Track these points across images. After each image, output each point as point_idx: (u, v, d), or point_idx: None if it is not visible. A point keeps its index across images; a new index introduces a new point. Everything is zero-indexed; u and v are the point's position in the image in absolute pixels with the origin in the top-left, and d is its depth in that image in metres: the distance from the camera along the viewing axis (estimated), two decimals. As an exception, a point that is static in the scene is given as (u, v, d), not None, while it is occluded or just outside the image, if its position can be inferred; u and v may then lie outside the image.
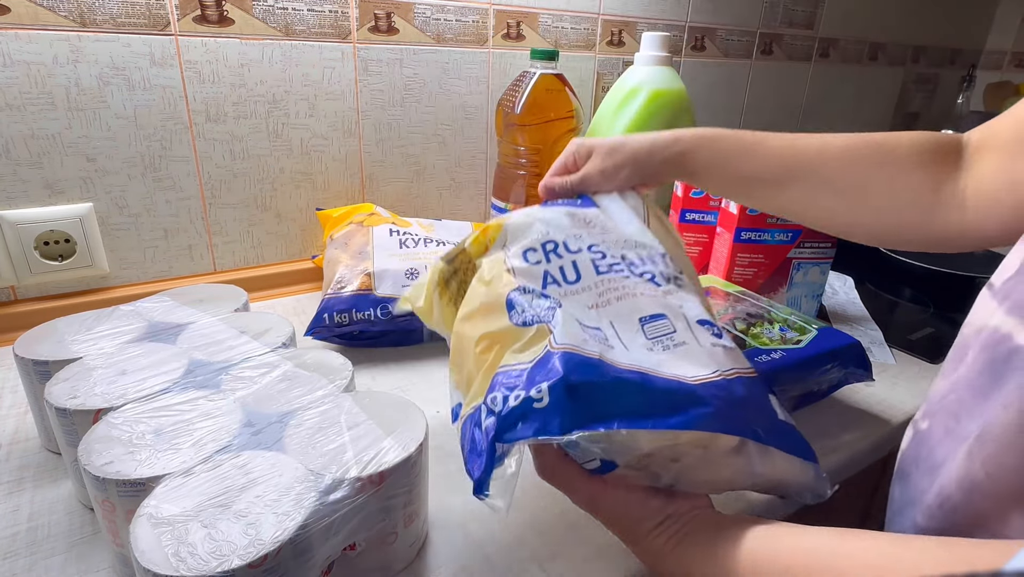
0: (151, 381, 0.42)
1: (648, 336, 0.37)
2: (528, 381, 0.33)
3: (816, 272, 0.75)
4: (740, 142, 0.47)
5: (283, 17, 0.72)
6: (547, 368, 0.33)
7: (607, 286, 0.39)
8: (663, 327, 0.38)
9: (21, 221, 0.64)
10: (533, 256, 0.40)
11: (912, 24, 1.54)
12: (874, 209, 0.45)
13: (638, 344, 0.36)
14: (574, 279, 0.39)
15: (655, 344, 0.36)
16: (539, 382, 0.32)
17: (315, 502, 0.32)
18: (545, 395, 0.32)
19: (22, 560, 0.38)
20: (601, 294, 0.39)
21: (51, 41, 0.61)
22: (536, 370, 0.33)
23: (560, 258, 0.40)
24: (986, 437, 0.30)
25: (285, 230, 0.81)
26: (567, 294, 0.38)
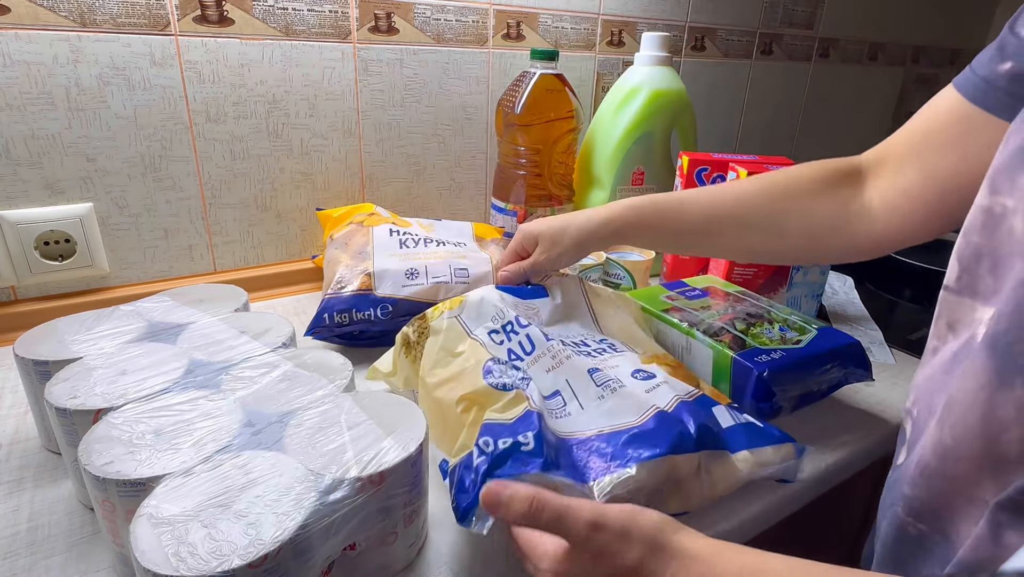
0: (151, 381, 0.42)
1: (597, 384, 0.45)
2: (513, 432, 0.39)
3: (816, 272, 0.75)
4: (665, 208, 0.55)
5: (283, 17, 0.72)
6: (530, 422, 0.39)
7: (557, 349, 0.48)
8: (606, 376, 0.46)
9: (21, 221, 0.64)
10: (496, 337, 0.49)
11: (912, 24, 1.54)
12: (794, 236, 0.52)
13: (591, 395, 0.45)
14: (530, 349, 0.48)
15: (604, 389, 0.45)
16: (524, 431, 0.39)
17: (315, 502, 0.32)
18: (531, 441, 0.38)
19: (22, 560, 0.38)
20: (554, 356, 0.47)
21: (51, 41, 0.61)
22: (519, 424, 0.39)
23: (516, 335, 0.49)
24: (951, 403, 0.32)
25: (285, 230, 0.81)
26: (529, 364, 0.47)
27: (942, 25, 1.62)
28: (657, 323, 0.61)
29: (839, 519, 0.69)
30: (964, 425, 0.31)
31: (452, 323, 0.49)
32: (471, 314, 0.50)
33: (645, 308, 0.62)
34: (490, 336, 0.48)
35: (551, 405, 0.44)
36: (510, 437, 0.38)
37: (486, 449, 0.38)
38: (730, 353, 0.53)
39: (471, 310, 0.50)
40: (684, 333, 0.58)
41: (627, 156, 0.85)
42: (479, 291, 0.53)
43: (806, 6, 1.28)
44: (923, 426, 0.36)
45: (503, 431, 0.39)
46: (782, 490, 0.48)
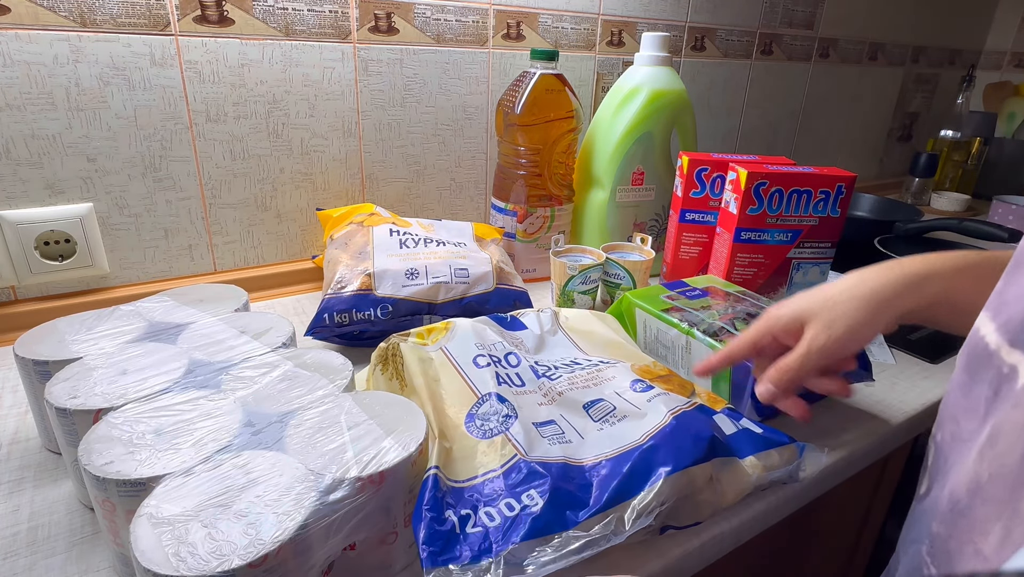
0: (151, 381, 0.42)
1: (594, 419, 0.45)
2: (508, 490, 0.38)
3: (816, 272, 0.75)
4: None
5: (283, 17, 0.72)
6: (528, 475, 0.38)
7: (548, 386, 0.48)
8: (604, 408, 0.46)
9: (21, 221, 0.64)
10: (483, 360, 0.48)
11: (912, 24, 1.54)
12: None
13: (590, 428, 0.44)
14: (520, 384, 0.47)
15: (604, 424, 0.44)
16: (526, 489, 0.38)
17: (315, 502, 0.32)
18: (538, 501, 0.37)
19: (22, 560, 0.38)
20: (546, 393, 0.47)
21: (51, 41, 0.61)
22: (510, 478, 0.39)
23: (505, 369, 0.49)
24: (996, 433, 0.29)
25: (285, 230, 0.81)
26: (518, 394, 0.46)
27: (942, 25, 1.62)
28: (657, 323, 0.61)
29: (839, 519, 0.69)
30: (1002, 461, 0.28)
31: (439, 356, 0.49)
32: (459, 345, 0.50)
33: (645, 308, 0.62)
34: (475, 362, 0.48)
35: (546, 432, 0.43)
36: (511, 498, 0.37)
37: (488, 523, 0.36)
38: (730, 353, 0.53)
39: (460, 341, 0.50)
40: (684, 333, 0.58)
41: (627, 156, 0.85)
42: (466, 321, 0.53)
43: (806, 6, 1.28)
44: (951, 454, 0.33)
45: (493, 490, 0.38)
46: (782, 490, 0.48)
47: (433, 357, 0.49)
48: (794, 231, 0.72)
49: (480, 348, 0.50)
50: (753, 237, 0.72)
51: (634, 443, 0.42)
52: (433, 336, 0.51)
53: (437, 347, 0.50)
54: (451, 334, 0.51)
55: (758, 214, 0.71)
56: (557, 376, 0.49)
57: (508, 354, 0.50)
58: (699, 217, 0.81)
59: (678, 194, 0.81)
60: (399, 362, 0.49)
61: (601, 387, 0.48)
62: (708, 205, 0.80)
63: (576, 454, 0.41)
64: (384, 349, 0.50)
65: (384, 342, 0.51)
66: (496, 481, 0.39)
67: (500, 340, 0.52)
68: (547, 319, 0.58)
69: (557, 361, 0.52)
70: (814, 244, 0.73)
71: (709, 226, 0.81)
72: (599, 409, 0.46)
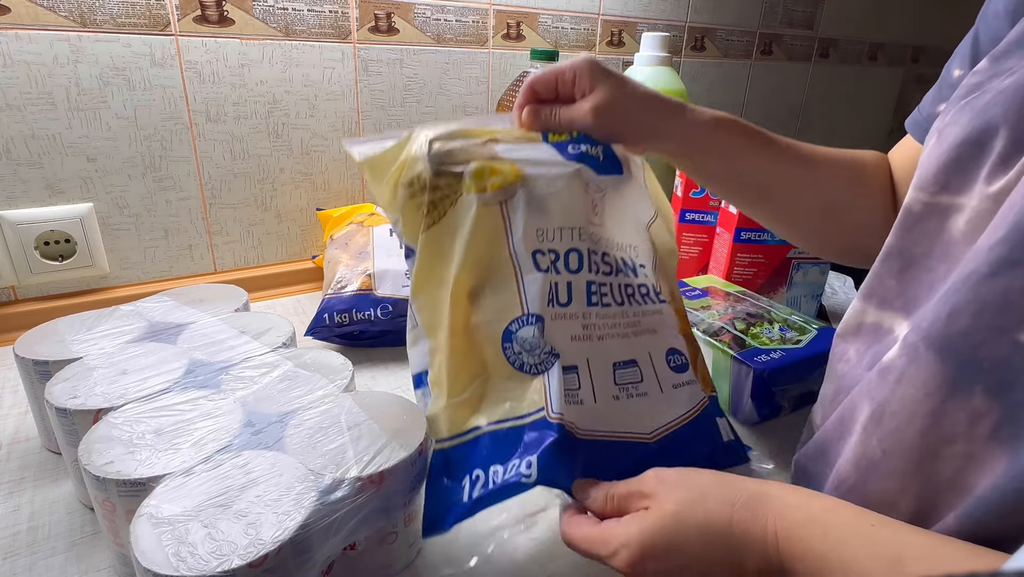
0: (151, 381, 0.42)
1: (617, 382, 0.38)
2: (524, 449, 0.34)
3: (816, 272, 0.75)
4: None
5: (283, 17, 0.72)
6: (541, 435, 0.34)
7: (591, 320, 0.38)
8: (631, 375, 0.39)
9: (21, 221, 0.64)
10: (543, 259, 0.37)
11: (912, 24, 1.54)
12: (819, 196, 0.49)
13: (606, 392, 0.37)
14: (566, 301, 0.37)
15: (622, 392, 0.38)
16: (531, 452, 0.33)
17: (315, 502, 0.32)
18: (534, 471, 0.33)
19: (22, 560, 0.38)
20: (585, 327, 0.38)
21: (51, 41, 0.61)
22: (531, 433, 0.34)
23: (558, 273, 0.37)
24: (883, 413, 0.30)
25: (285, 230, 0.81)
26: (557, 318, 0.37)
27: (942, 25, 1.62)
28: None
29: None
30: (899, 437, 0.29)
31: (492, 214, 0.36)
32: (527, 202, 0.36)
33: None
34: (534, 259, 0.36)
35: (566, 383, 0.36)
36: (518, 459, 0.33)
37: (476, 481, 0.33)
38: (730, 353, 0.53)
39: (528, 198, 0.37)
40: (684, 333, 0.58)
41: (627, 156, 0.85)
42: (549, 160, 0.39)
43: (806, 6, 1.28)
44: (836, 438, 0.35)
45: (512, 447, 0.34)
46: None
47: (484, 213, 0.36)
48: (794, 231, 0.72)
49: (544, 233, 0.37)
50: (753, 237, 0.72)
51: (640, 435, 0.37)
52: (495, 179, 0.37)
53: (496, 198, 0.37)
54: (520, 191, 0.37)
55: (758, 214, 0.71)
56: (607, 303, 0.39)
57: (570, 252, 0.38)
58: (699, 217, 0.81)
59: (678, 194, 0.81)
60: (447, 205, 0.37)
61: (641, 341, 0.39)
62: (708, 205, 0.80)
63: (580, 420, 0.35)
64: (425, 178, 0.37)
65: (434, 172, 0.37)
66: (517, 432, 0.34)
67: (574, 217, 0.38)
68: (638, 166, 0.45)
69: (624, 244, 0.41)
70: (814, 244, 0.73)
71: (709, 226, 0.81)
72: (627, 374, 0.38)
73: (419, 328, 0.38)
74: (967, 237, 0.30)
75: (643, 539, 0.29)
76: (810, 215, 0.49)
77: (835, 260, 0.55)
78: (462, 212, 0.36)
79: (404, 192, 0.38)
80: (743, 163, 0.46)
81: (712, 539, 0.28)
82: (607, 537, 0.31)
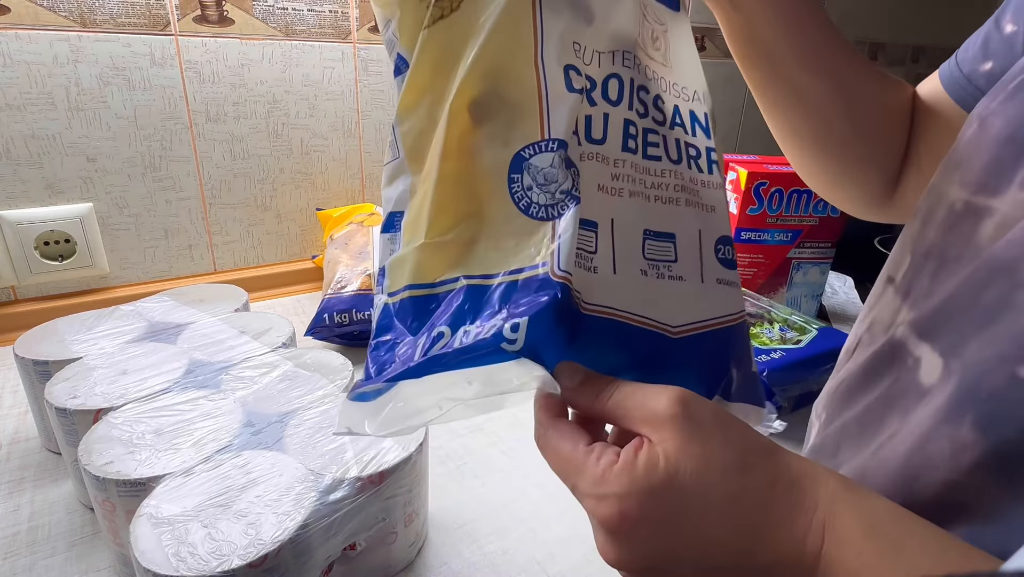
0: (151, 381, 0.42)
1: (646, 255, 0.29)
2: (512, 307, 0.25)
3: (816, 272, 0.75)
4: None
5: (283, 17, 0.72)
6: (537, 295, 0.25)
7: (625, 170, 0.30)
8: (665, 251, 0.30)
9: (21, 221, 0.64)
10: (577, 80, 0.28)
11: (912, 24, 1.54)
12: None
13: (631, 265, 0.29)
14: (600, 138, 0.29)
15: (650, 268, 0.29)
16: (521, 313, 0.25)
17: (315, 502, 0.32)
18: (521, 336, 0.24)
19: (22, 560, 0.38)
20: (615, 177, 0.29)
21: (51, 41, 0.61)
22: (523, 292, 0.26)
23: (593, 104, 0.29)
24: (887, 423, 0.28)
25: (285, 230, 0.81)
26: (587, 158, 0.28)
27: (942, 25, 1.62)
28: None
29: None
30: (891, 452, 0.27)
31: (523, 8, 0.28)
32: (573, 8, 0.29)
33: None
34: (566, 74, 0.28)
35: (582, 240, 0.27)
36: (500, 321, 0.25)
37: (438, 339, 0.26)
38: (730, 353, 0.53)
39: (577, 4, 0.29)
40: (684, 333, 0.58)
41: (627, 156, 0.85)
42: None
43: (806, 6, 1.28)
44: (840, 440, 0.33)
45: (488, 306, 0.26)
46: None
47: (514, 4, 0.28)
48: (794, 231, 0.72)
49: (583, 50, 0.29)
50: (753, 237, 0.72)
51: (662, 324, 0.28)
52: None
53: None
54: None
55: (758, 214, 0.71)
56: (654, 155, 0.31)
57: (610, 78, 0.30)
58: (699, 217, 0.81)
59: (678, 194, 0.81)
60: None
61: (691, 213, 0.31)
62: (708, 205, 0.80)
63: (589, 290, 0.27)
64: None
65: None
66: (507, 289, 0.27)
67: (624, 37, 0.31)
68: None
69: (690, 92, 0.34)
70: (814, 244, 0.73)
71: (709, 226, 0.81)
72: (659, 248, 0.30)
73: (401, 159, 0.31)
74: (992, 244, 0.27)
75: (646, 498, 0.22)
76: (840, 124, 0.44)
77: (826, 192, 0.50)
78: (483, 2, 0.29)
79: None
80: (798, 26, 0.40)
81: (738, 522, 0.22)
82: (596, 474, 0.23)
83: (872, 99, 0.44)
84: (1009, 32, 0.35)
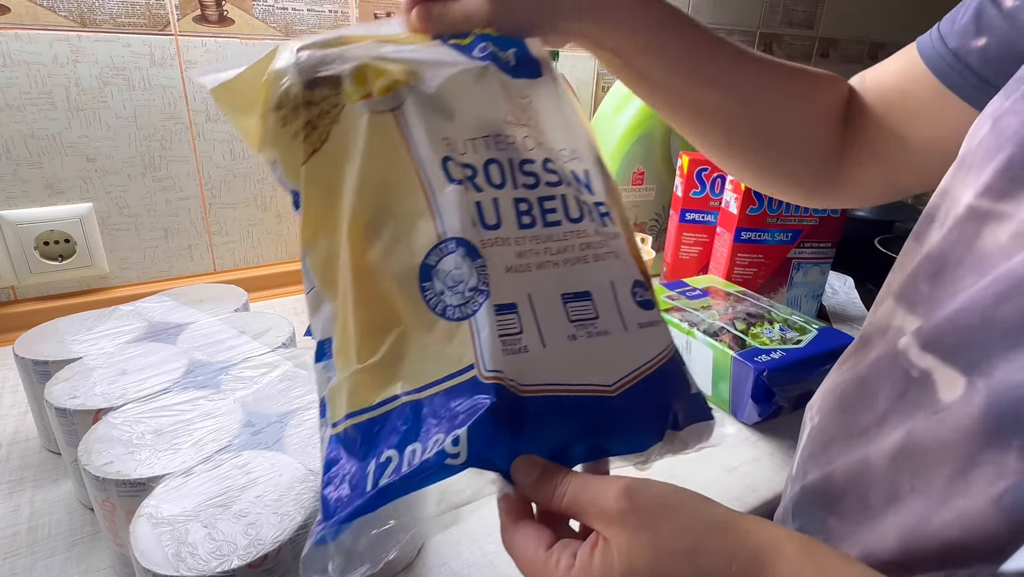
0: (151, 381, 0.42)
1: (571, 318, 0.29)
2: (450, 420, 0.26)
3: (816, 272, 0.75)
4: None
5: (283, 17, 0.72)
6: (472, 402, 0.26)
7: (528, 246, 0.29)
8: (586, 310, 0.30)
9: (21, 221, 0.64)
10: (457, 171, 0.28)
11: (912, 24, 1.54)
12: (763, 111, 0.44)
13: (558, 334, 0.29)
14: (494, 223, 0.29)
15: (578, 330, 0.29)
16: (460, 424, 0.25)
17: (315, 502, 0.32)
18: (463, 449, 0.25)
19: (22, 560, 0.38)
20: (521, 255, 0.29)
21: (51, 41, 0.61)
22: (458, 399, 0.26)
23: (480, 190, 0.29)
24: (913, 448, 0.26)
25: (285, 230, 0.81)
26: (488, 244, 0.28)
27: (942, 25, 1.62)
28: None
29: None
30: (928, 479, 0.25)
31: (384, 124, 0.29)
32: (426, 106, 0.29)
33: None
34: (445, 169, 0.29)
35: (504, 324, 0.27)
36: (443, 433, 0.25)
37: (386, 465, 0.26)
38: (730, 353, 0.53)
39: (427, 101, 0.29)
40: (684, 333, 0.58)
41: (627, 156, 0.85)
42: (449, 60, 0.31)
43: (806, 6, 1.28)
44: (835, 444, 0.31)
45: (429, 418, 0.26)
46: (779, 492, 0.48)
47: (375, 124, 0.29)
48: (794, 231, 0.72)
49: (453, 143, 0.30)
50: (753, 237, 0.72)
51: (600, 387, 0.28)
52: (383, 80, 0.29)
53: (387, 104, 0.29)
54: (415, 93, 0.29)
55: (758, 214, 0.71)
56: (553, 220, 0.31)
57: (489, 163, 0.30)
58: (699, 217, 0.81)
59: (678, 194, 0.81)
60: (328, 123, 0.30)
61: (601, 267, 0.31)
62: (708, 205, 0.80)
63: (525, 372, 0.27)
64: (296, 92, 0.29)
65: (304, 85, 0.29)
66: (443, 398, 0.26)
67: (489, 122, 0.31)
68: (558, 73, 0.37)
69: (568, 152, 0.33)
70: (814, 244, 0.73)
71: (709, 226, 0.81)
72: (582, 308, 0.30)
73: (317, 289, 0.31)
74: (1006, 251, 0.25)
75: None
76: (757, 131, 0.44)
77: (760, 188, 0.49)
78: (348, 128, 0.29)
79: (274, 119, 0.30)
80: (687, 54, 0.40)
81: None
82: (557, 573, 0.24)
83: (786, 101, 0.43)
84: (1010, 7, 0.33)
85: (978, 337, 0.25)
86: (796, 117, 0.44)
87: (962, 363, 0.25)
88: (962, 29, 0.36)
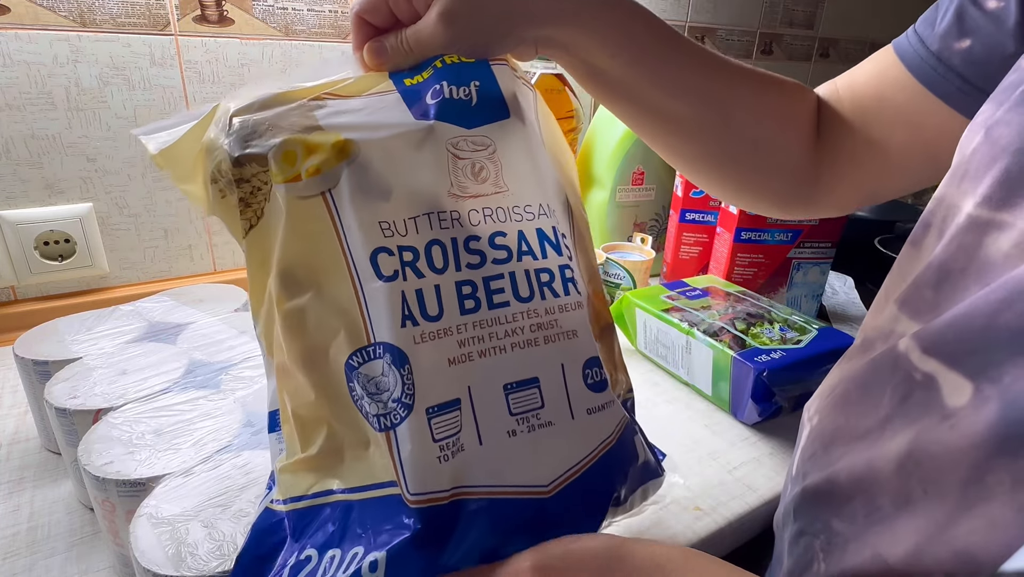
0: (151, 381, 0.42)
1: (512, 410, 0.28)
2: (373, 537, 0.25)
3: (816, 272, 0.75)
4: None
5: (283, 17, 0.72)
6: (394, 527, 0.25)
7: (470, 333, 0.27)
8: (530, 400, 0.28)
9: (21, 221, 0.64)
10: (387, 263, 0.27)
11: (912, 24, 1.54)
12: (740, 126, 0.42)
13: (497, 430, 0.27)
14: (436, 314, 0.27)
15: (519, 424, 0.28)
16: (379, 546, 0.24)
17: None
18: (380, 575, 0.24)
19: (22, 560, 0.38)
20: (463, 343, 0.27)
21: (51, 41, 0.61)
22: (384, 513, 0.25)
23: (420, 276, 0.27)
24: (921, 455, 0.26)
25: (285, 230, 0.81)
26: (423, 340, 0.26)
27: (942, 25, 1.62)
28: (657, 323, 0.61)
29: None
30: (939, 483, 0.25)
31: (312, 209, 0.27)
32: (361, 186, 0.27)
33: (645, 308, 0.62)
34: (374, 263, 0.27)
35: (439, 428, 0.26)
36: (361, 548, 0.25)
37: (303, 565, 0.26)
38: (730, 353, 0.53)
39: (362, 179, 0.27)
40: (684, 333, 0.58)
41: (627, 156, 0.85)
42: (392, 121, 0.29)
43: (806, 6, 1.28)
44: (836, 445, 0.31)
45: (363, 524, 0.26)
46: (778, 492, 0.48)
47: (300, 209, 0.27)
48: (794, 231, 0.72)
49: (392, 226, 0.27)
50: (753, 237, 0.72)
51: (534, 488, 0.27)
52: (312, 159, 0.27)
53: (315, 187, 0.27)
54: (349, 172, 0.27)
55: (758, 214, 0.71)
56: (501, 302, 0.28)
57: (432, 244, 0.28)
58: (699, 217, 0.81)
59: (678, 194, 0.81)
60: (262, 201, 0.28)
61: (553, 350, 0.29)
62: (708, 205, 0.80)
63: (455, 477, 0.26)
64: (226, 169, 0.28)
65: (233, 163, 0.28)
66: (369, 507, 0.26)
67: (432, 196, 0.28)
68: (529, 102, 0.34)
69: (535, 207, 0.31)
70: (814, 244, 0.73)
71: (709, 226, 0.81)
72: (525, 398, 0.28)
73: (265, 357, 0.30)
74: (1010, 261, 0.25)
75: None
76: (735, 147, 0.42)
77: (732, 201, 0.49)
78: (277, 208, 0.28)
79: (213, 191, 0.29)
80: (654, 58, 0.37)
81: None
82: None
83: (756, 112, 0.42)
84: (994, 8, 0.33)
85: (982, 342, 0.25)
86: (767, 131, 0.42)
87: (967, 368, 0.25)
88: (943, 31, 0.36)
